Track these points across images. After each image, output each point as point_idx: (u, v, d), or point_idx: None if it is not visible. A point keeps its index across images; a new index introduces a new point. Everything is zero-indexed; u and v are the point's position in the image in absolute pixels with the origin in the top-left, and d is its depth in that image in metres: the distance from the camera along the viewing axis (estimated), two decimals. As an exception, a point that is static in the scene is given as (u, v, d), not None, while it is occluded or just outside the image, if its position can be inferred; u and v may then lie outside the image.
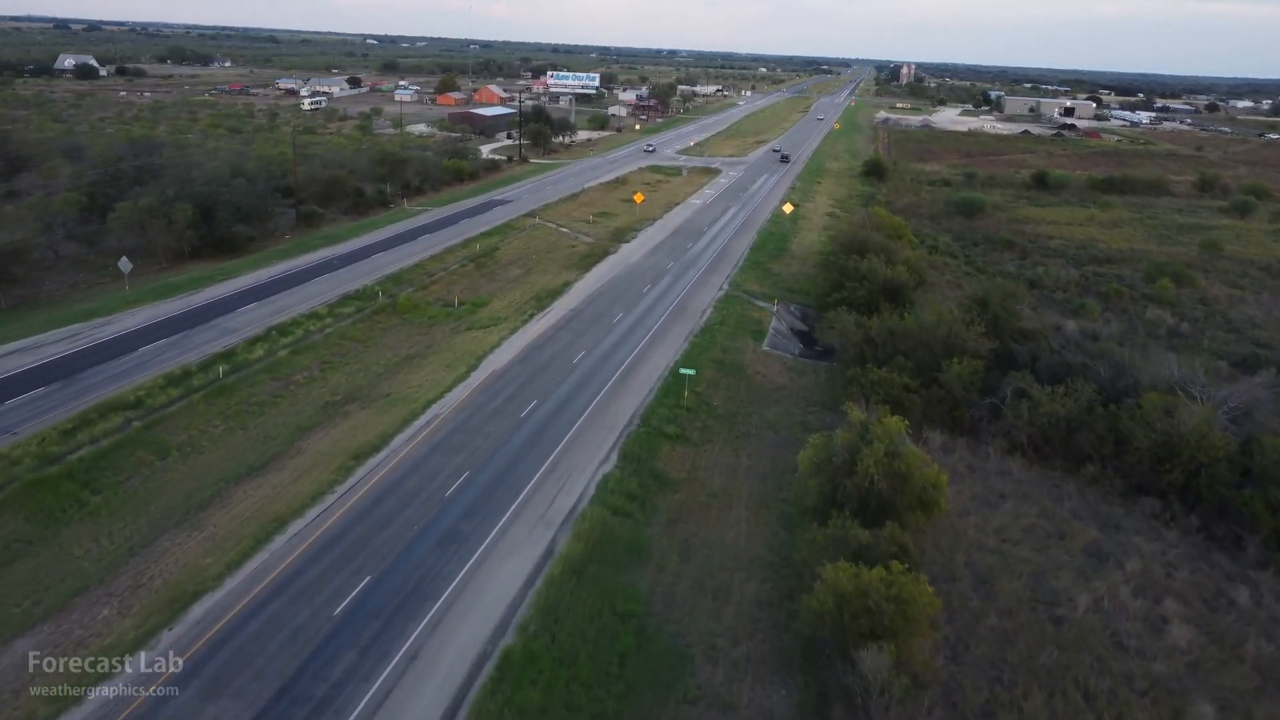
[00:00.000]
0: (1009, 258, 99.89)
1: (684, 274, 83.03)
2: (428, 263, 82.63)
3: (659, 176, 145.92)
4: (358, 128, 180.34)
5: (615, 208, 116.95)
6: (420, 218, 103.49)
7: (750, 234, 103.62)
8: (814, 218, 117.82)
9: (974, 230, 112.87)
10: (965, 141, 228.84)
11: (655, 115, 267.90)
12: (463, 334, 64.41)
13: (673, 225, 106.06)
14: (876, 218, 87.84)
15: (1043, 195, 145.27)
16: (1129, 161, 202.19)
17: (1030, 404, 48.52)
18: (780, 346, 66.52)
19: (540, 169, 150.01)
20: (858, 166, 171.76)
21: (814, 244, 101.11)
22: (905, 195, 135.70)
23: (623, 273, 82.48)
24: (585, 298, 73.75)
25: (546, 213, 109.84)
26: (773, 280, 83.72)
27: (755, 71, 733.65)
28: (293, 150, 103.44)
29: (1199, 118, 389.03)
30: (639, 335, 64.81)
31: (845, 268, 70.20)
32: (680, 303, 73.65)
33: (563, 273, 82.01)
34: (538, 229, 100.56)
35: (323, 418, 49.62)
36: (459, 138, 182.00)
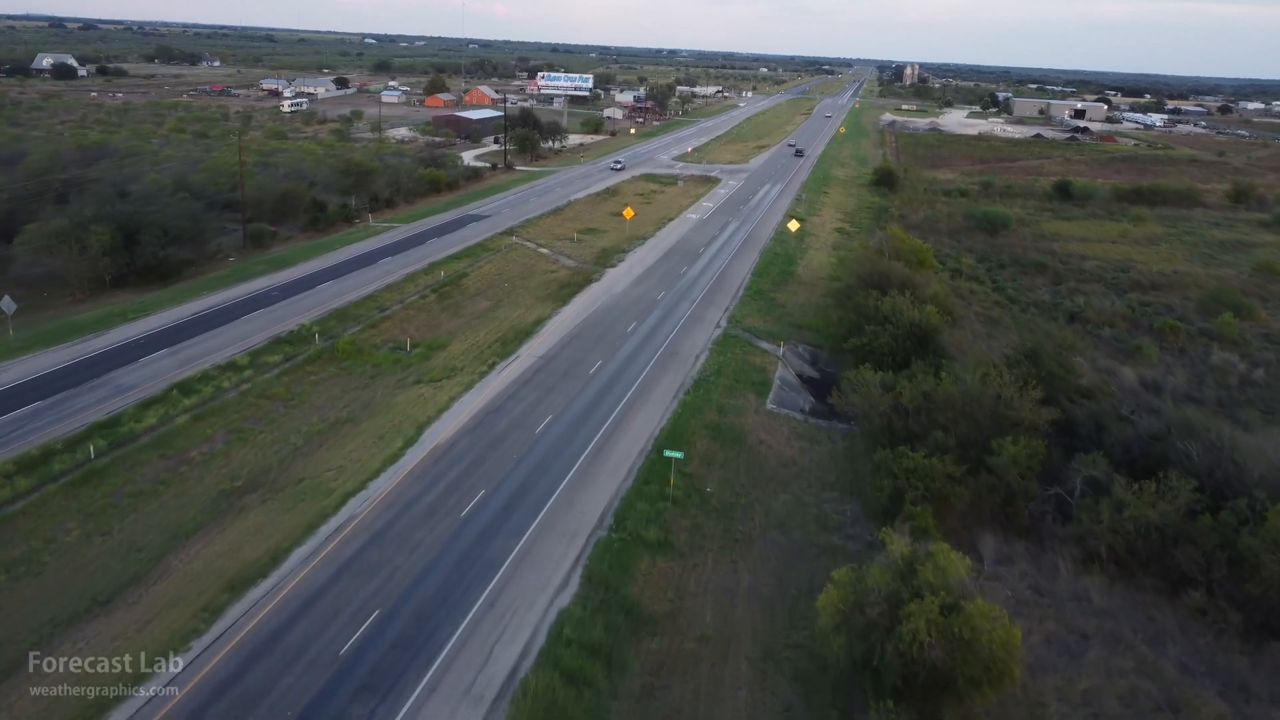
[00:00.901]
0: (1041, 283, 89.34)
1: (676, 307, 72.41)
2: (382, 294, 72.02)
3: (654, 186, 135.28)
4: (333, 132, 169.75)
5: (604, 222, 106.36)
6: (384, 236, 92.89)
7: (752, 255, 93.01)
8: (821, 234, 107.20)
9: (999, 249, 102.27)
10: (977, 146, 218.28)
11: (652, 118, 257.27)
12: (409, 389, 53.77)
13: (666, 245, 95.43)
14: (895, 241, 77.29)
15: (1067, 207, 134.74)
16: (1150, 168, 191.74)
17: (1110, 504, 37.87)
18: (787, 403, 55.88)
19: (527, 177, 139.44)
20: (866, 174, 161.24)
21: (823, 266, 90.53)
22: (920, 208, 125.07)
23: (606, 306, 71.85)
24: (559, 339, 63.12)
25: (526, 230, 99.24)
26: (777, 313, 73.10)
27: (756, 72, 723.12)
28: (240, 160, 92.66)
29: (1212, 120, 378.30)
30: (619, 392, 54.19)
31: (864, 307, 59.58)
32: (670, 346, 63.01)
33: (537, 306, 71.39)
34: (514, 250, 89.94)
35: (210, 516, 39.00)
36: (442, 143, 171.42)
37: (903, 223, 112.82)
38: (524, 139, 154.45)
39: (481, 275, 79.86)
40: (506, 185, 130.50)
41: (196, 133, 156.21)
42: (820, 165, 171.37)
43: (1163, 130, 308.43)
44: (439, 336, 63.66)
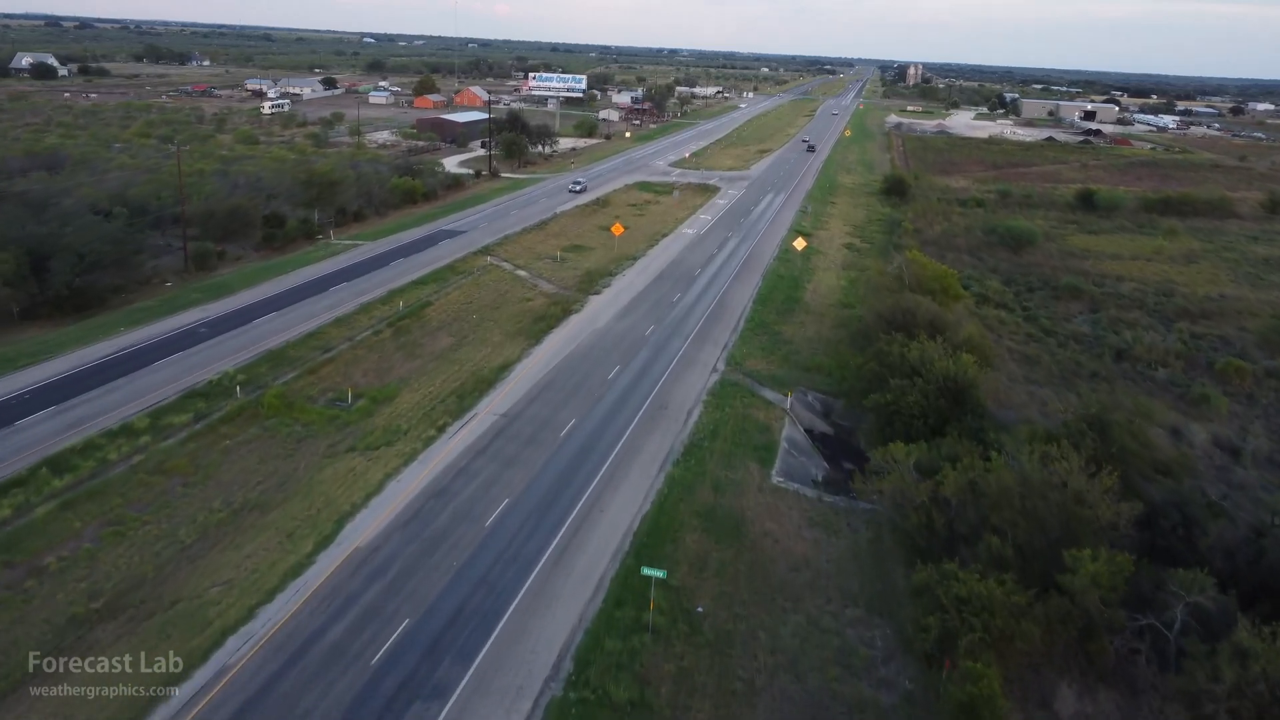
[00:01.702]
0: (1077, 309, 79.97)
1: (667, 345, 62.98)
2: (329, 329, 62.65)
3: (647, 196, 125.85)
4: (310, 136, 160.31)
5: (591, 238, 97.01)
6: (345, 256, 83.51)
7: (753, 277, 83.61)
8: (829, 252, 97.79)
9: (1026, 269, 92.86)
10: (988, 151, 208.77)
11: (650, 120, 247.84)
12: (340, 459, 44.40)
13: (658, 266, 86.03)
14: (915, 266, 67.90)
15: (1091, 218, 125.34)
16: (1172, 174, 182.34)
17: (1230, 650, 28.52)
18: (797, 474, 46.50)
19: (512, 185, 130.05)
20: (874, 181, 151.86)
21: (832, 290, 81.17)
22: (935, 220, 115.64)
23: (586, 344, 62.44)
24: (528, 389, 53.70)
25: (505, 248, 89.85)
26: (783, 351, 63.69)
27: (757, 72, 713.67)
28: (179, 171, 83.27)
29: (1225, 122, 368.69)
30: (594, 463, 44.81)
31: (887, 355, 50.14)
32: (658, 397, 53.60)
33: (507, 344, 61.98)
34: (489, 272, 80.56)
35: (49, 654, 29.60)
36: (425, 148, 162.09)
37: (918, 238, 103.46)
38: (510, 144, 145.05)
39: (448, 304, 70.46)
40: (489, 195, 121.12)
41: (163, 137, 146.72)
42: (826, 171, 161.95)
43: (1177, 133, 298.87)
44: (388, 384, 54.23)
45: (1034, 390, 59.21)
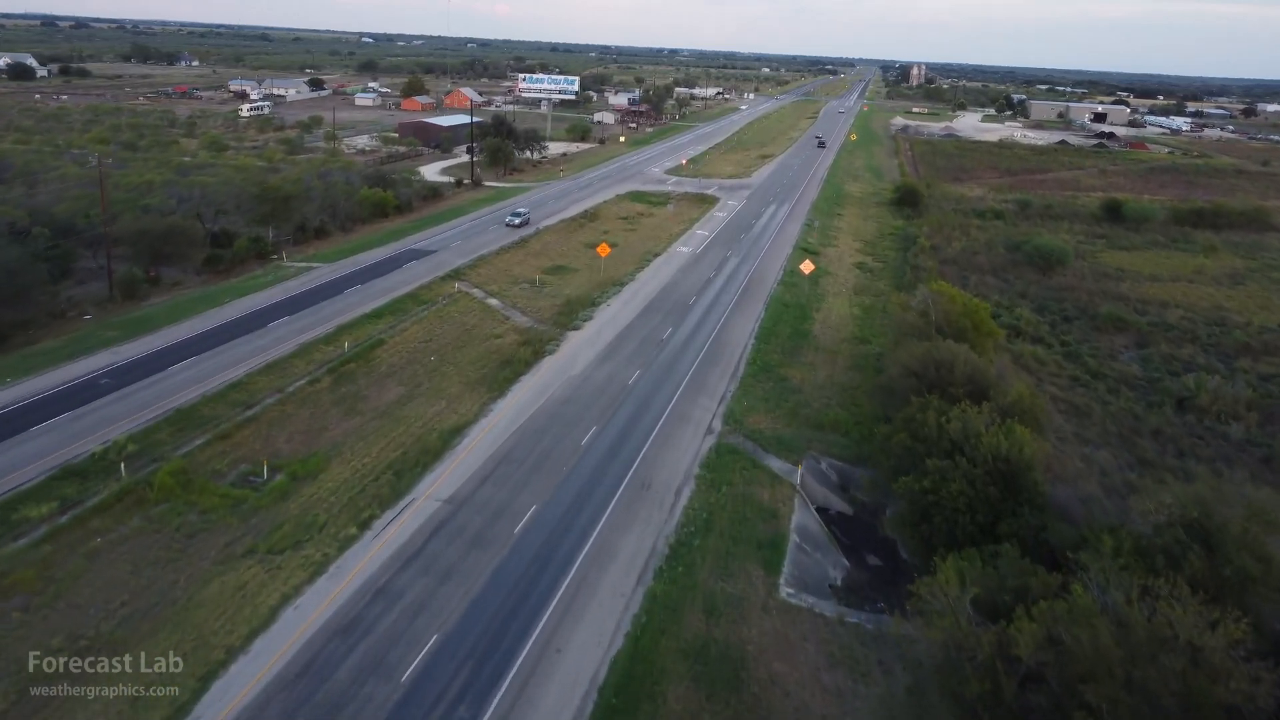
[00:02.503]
0: (1122, 344, 70.60)
1: (653, 397, 53.55)
2: (258, 377, 53.25)
3: (640, 208, 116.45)
4: (284, 142, 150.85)
5: (576, 258, 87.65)
6: (295, 281, 74.14)
7: (755, 306, 74.19)
8: (839, 273, 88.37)
9: (1058, 293, 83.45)
10: (1000, 155, 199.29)
11: (647, 123, 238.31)
12: (234, 567, 35.02)
13: (648, 292, 76.61)
14: (943, 300, 58.46)
15: (1119, 231, 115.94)
16: (1196, 181, 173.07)
17: None
18: (811, 580, 37.16)
19: (495, 195, 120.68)
20: (883, 190, 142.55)
21: (844, 322, 71.80)
22: (953, 235, 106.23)
23: (558, 397, 53.00)
24: (483, 462, 44.29)
25: (478, 271, 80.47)
26: (791, 402, 54.28)
27: (758, 72, 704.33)
28: (101, 186, 73.83)
29: (1238, 124, 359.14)
30: (553, 573, 35.45)
31: (920, 426, 40.70)
32: (640, 471, 44.18)
33: (465, 397, 52.57)
34: (456, 302, 71.18)
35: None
36: (406, 153, 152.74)
37: (935, 256, 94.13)
38: (495, 150, 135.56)
39: (403, 343, 61.02)
40: (468, 207, 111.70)
41: (124, 143, 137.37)
42: (831, 179, 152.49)
43: (1190, 135, 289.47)
44: (315, 453, 44.82)
45: (1090, 453, 49.82)
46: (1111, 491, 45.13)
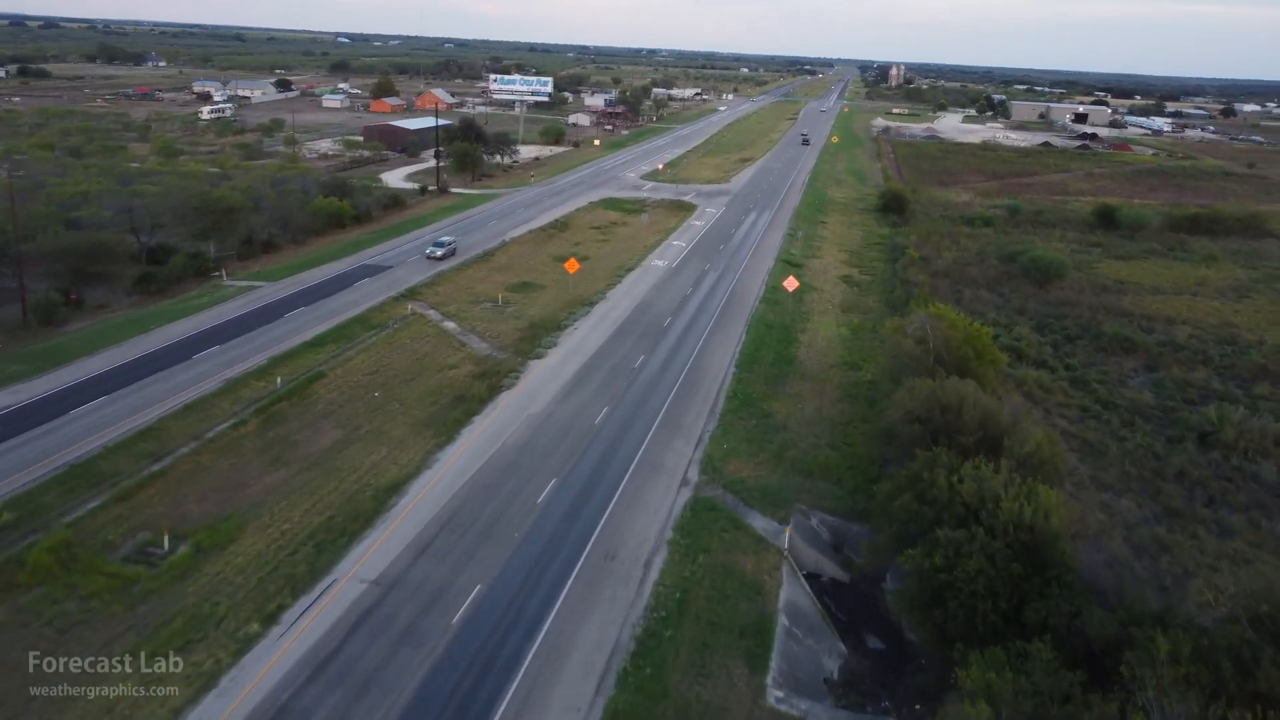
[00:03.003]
0: (1130, 367, 65.50)
1: (622, 440, 47.69)
2: (173, 421, 46.95)
3: (614, 217, 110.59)
4: (240, 146, 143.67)
5: (544, 272, 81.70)
6: (233, 304, 67.67)
7: (735, 327, 68.50)
8: (825, 287, 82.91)
9: (1057, 309, 78.38)
10: (985, 158, 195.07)
11: (623, 125, 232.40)
12: (106, 680, 28.78)
13: (620, 312, 70.74)
14: (942, 326, 52.96)
15: (1114, 239, 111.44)
16: (1185, 184, 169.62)
17: None
18: (804, 676, 31.46)
19: (462, 203, 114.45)
20: (867, 195, 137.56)
21: (832, 343, 66.29)
22: (942, 244, 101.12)
23: (516, 441, 47.02)
24: (422, 528, 38.25)
25: (437, 289, 74.34)
26: (776, 443, 48.61)
27: (737, 72, 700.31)
28: (11, 199, 67.06)
29: (1218, 124, 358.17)
30: (504, 669, 29.59)
31: (926, 486, 35.04)
32: (603, 536, 38.31)
33: (410, 442, 46.50)
34: (409, 326, 65.01)
35: None
36: (371, 158, 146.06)
37: (926, 268, 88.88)
38: (463, 155, 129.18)
39: (346, 376, 54.82)
40: (432, 216, 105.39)
41: (70, 149, 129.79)
42: (814, 184, 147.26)
43: (1172, 136, 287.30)
44: (229, 517, 38.59)
45: (1111, 502, 44.47)
46: (1141, 551, 39.78)
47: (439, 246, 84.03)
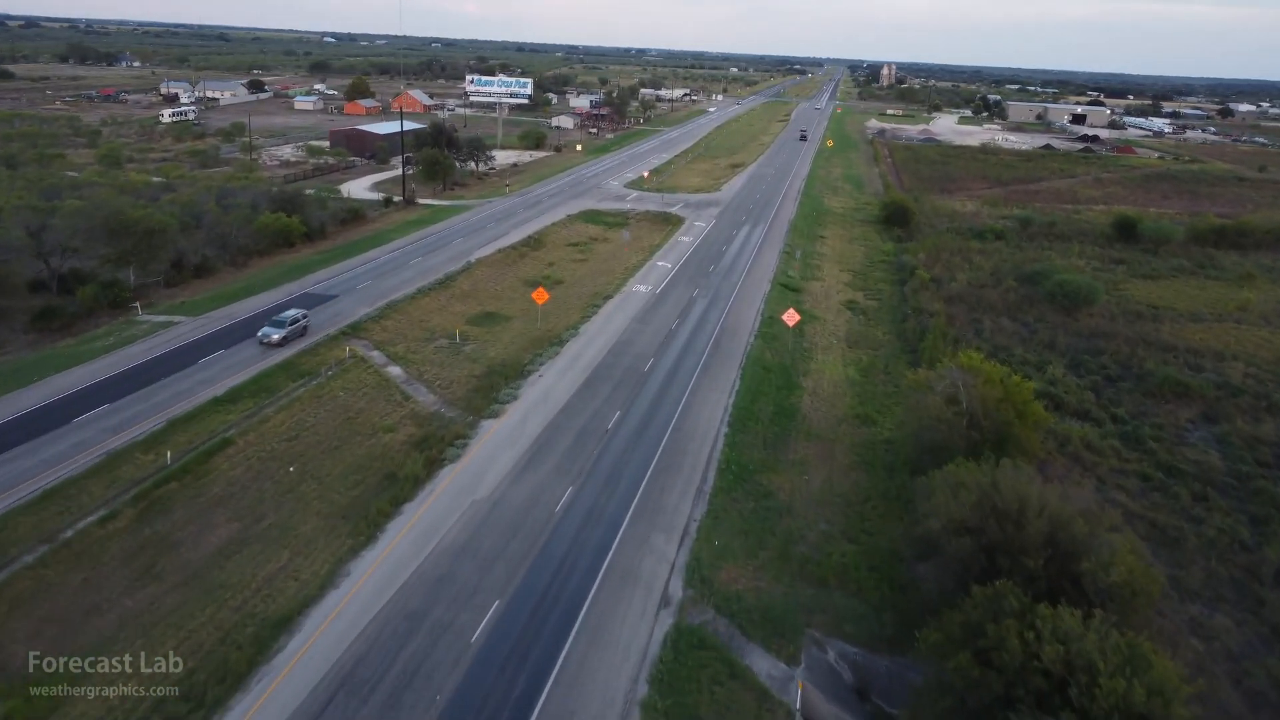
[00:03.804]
0: (1186, 417, 56.43)
1: (587, 536, 38.24)
2: (21, 516, 37.32)
3: (594, 232, 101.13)
4: (194, 154, 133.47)
5: (511, 300, 72.26)
6: (141, 345, 57.94)
7: (728, 371, 59.09)
8: (827, 316, 73.68)
9: (1089, 340, 69.37)
10: (986, 162, 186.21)
11: (609, 128, 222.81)
12: None
13: (594, 353, 61.26)
14: (979, 383, 43.72)
15: (1136, 254, 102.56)
16: (1197, 189, 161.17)
17: None
18: None
19: (429, 217, 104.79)
20: (866, 204, 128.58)
21: (839, 388, 57.03)
22: (954, 263, 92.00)
23: (451, 543, 37.52)
24: (313, 687, 28.71)
25: (385, 323, 64.76)
26: (779, 533, 39.32)
27: (726, 72, 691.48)
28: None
29: (1218, 125, 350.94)
30: None
31: (990, 646, 25.70)
32: (554, 700, 28.82)
33: (319, 544, 36.94)
34: (346, 373, 55.39)
35: None
36: (335, 165, 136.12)
37: (939, 293, 79.78)
38: (431, 163, 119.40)
39: (257, 444, 45.20)
40: (393, 232, 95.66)
41: (3, 158, 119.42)
42: (809, 192, 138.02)
43: (1175, 138, 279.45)
44: (54, 674, 28.94)
45: (1202, 619, 35.28)
46: (1260, 703, 30.62)
47: (276, 328, 58.31)
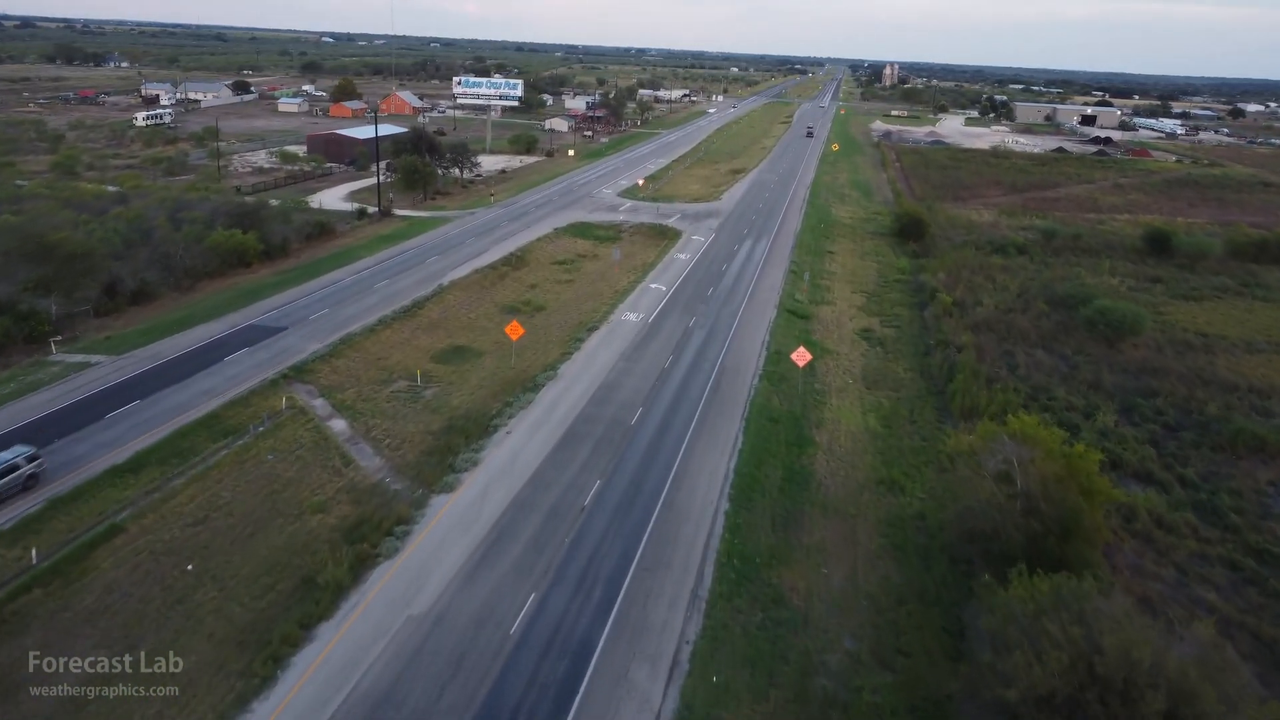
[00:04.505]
0: (1266, 478, 48.01)
1: (550, 670, 29.88)
2: None
3: (583, 247, 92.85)
4: (157, 160, 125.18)
5: (485, 331, 63.99)
6: (41, 395, 49.65)
7: (728, 424, 50.71)
8: (841, 349, 65.35)
9: (1138, 378, 61.13)
10: (999, 167, 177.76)
11: (604, 131, 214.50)
12: None
13: (575, 399, 52.91)
14: (1037, 457, 35.45)
15: (1169, 269, 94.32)
16: (1222, 196, 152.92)
17: None
18: None
19: (405, 230, 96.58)
20: (877, 214, 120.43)
21: (858, 441, 48.73)
22: (976, 283, 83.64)
23: (375, 684, 29.30)
24: None
25: (336, 362, 56.49)
26: (794, 658, 31.12)
27: (727, 72, 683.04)
28: None
29: (1231, 126, 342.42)
30: None
31: None
32: None
33: (202, 685, 28.71)
34: (279, 429, 47.06)
35: None
36: (311, 173, 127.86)
37: (963, 320, 71.48)
38: (410, 171, 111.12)
39: (155, 529, 36.88)
40: (363, 249, 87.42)
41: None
42: (816, 200, 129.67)
43: (1188, 140, 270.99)
44: None
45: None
46: None
47: None
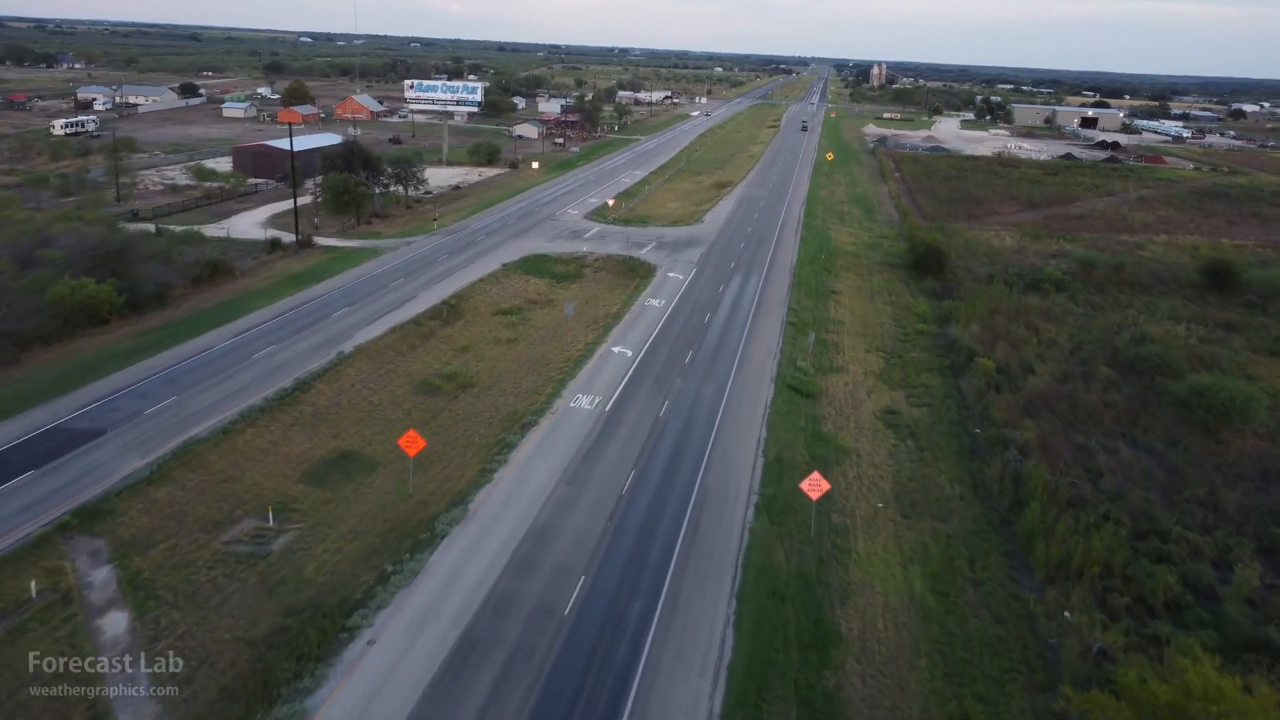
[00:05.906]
0: None
1: None
2: None
3: (535, 291, 76.32)
4: (33, 180, 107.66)
5: (389, 427, 47.31)
6: None
7: (713, 609, 34.28)
8: (861, 445, 48.99)
9: (1266, 490, 44.99)
10: (1009, 177, 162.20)
11: (577, 137, 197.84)
12: None
13: (484, 565, 36.30)
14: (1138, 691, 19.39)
15: (1236, 309, 78.85)
16: (1260, 211, 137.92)
17: None
18: None
19: (321, 267, 79.92)
20: (882, 235, 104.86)
21: (902, 628, 32.44)
22: (1016, 334, 67.52)
23: None
24: None
25: (160, 489, 39.78)
26: None
27: (711, 72, 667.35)
28: None
29: (1236, 128, 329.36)
30: None
31: None
32: None
33: None
34: (7, 644, 30.13)
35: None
36: (230, 190, 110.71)
37: (1015, 399, 55.37)
38: (339, 191, 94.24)
39: None
40: (261, 297, 70.69)
41: None
42: (812, 221, 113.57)
43: (1196, 143, 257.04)
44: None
45: None
46: None
47: None
